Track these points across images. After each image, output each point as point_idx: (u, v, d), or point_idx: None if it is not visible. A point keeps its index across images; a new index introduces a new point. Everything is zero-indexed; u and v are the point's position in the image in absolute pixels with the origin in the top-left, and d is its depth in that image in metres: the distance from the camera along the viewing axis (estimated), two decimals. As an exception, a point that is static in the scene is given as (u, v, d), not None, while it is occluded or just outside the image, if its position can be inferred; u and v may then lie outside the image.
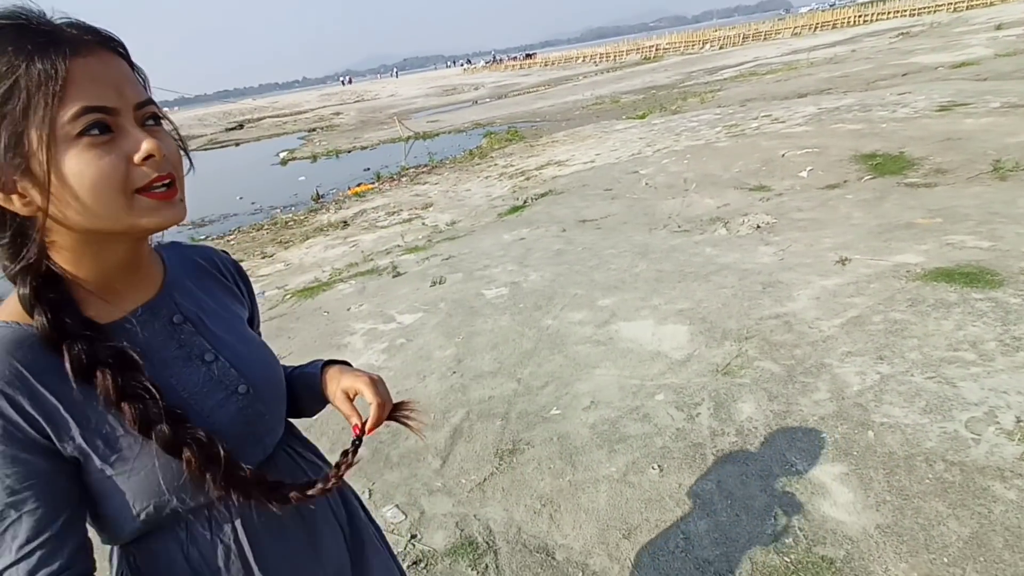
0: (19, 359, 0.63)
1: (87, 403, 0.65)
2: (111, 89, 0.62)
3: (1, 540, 0.62)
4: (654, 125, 11.20)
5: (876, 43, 20.41)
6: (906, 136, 6.61)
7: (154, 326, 0.74)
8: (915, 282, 3.38)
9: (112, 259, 0.70)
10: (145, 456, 0.67)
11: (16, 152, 0.59)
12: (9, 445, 0.62)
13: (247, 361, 0.81)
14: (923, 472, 2.04)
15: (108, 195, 0.62)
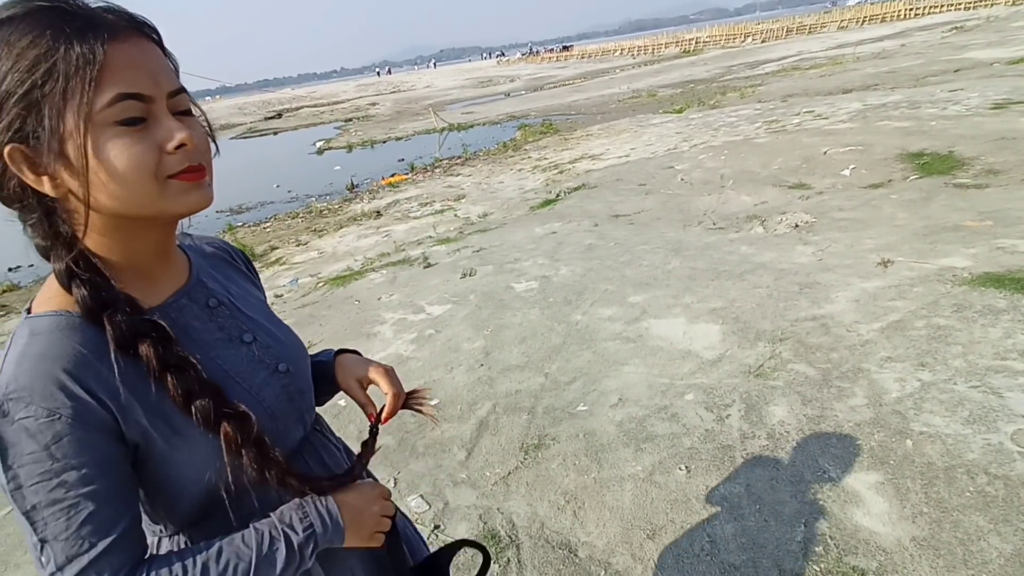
0: (79, 343, 0.62)
1: (144, 385, 0.65)
2: (147, 76, 0.61)
3: (78, 534, 0.60)
4: (691, 120, 11.00)
5: (927, 37, 19.60)
6: (956, 135, 6.34)
7: (193, 310, 0.75)
8: (962, 287, 3.25)
9: (144, 245, 0.70)
10: (201, 437, 0.67)
11: (51, 135, 0.59)
12: (83, 429, 0.60)
13: (281, 341, 0.83)
14: (964, 484, 1.97)
15: (140, 181, 0.62)
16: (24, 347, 0.61)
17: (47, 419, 0.59)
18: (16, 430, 0.58)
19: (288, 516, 0.72)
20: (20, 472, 0.59)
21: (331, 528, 0.73)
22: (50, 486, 0.59)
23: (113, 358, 0.63)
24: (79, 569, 0.60)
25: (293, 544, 0.70)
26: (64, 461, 0.59)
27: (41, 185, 0.62)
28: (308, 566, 0.72)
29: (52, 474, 0.59)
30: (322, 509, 0.74)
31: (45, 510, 0.59)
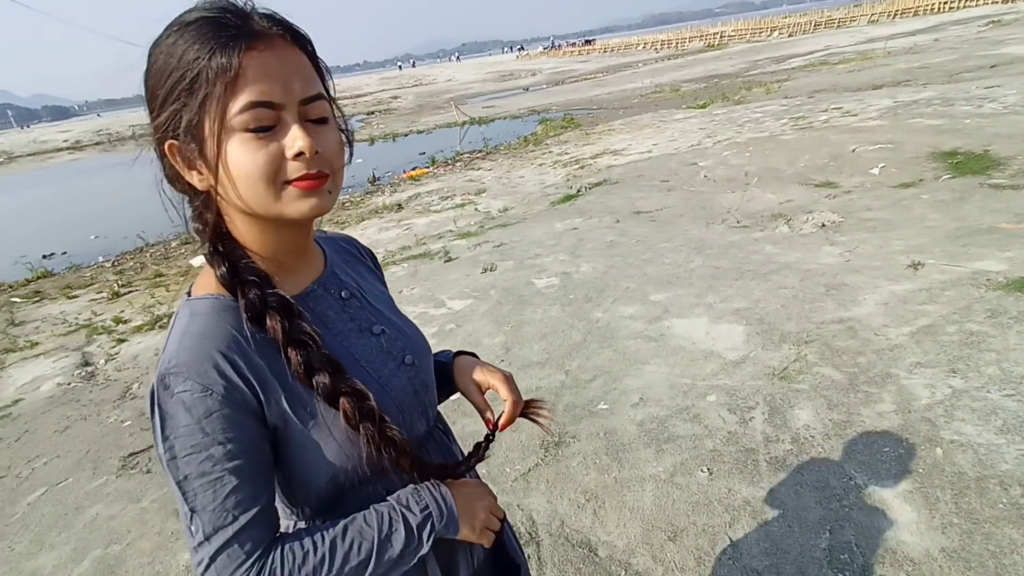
0: (232, 325, 0.67)
1: (285, 370, 0.69)
2: (278, 84, 0.64)
3: (222, 506, 0.64)
4: (715, 115, 10.85)
5: (962, 32, 19.04)
6: (992, 133, 6.16)
7: (328, 300, 0.79)
8: (996, 291, 3.17)
9: (282, 239, 0.74)
10: (336, 420, 0.70)
11: (194, 136, 0.64)
12: (231, 408, 0.64)
13: (407, 335, 0.86)
14: (996, 496, 1.93)
15: (259, 185, 0.65)
16: (185, 326, 0.67)
17: (201, 394, 0.63)
18: (175, 403, 0.63)
19: (405, 499, 0.75)
20: (176, 443, 0.63)
21: (446, 514, 0.76)
22: (200, 458, 0.63)
23: (256, 341, 0.67)
24: (224, 540, 0.64)
25: (411, 526, 0.73)
26: (212, 436, 0.63)
27: (191, 178, 0.68)
28: (424, 550, 0.74)
29: (202, 447, 0.63)
30: (437, 496, 0.77)
31: (195, 481, 0.64)
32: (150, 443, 3.19)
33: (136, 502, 2.71)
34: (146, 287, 6.54)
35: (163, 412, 0.64)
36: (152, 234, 9.37)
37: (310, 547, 0.68)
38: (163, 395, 0.64)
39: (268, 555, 0.66)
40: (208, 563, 0.64)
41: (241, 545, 0.64)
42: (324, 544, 0.68)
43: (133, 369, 4.29)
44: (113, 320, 5.42)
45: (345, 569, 0.68)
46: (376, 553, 0.70)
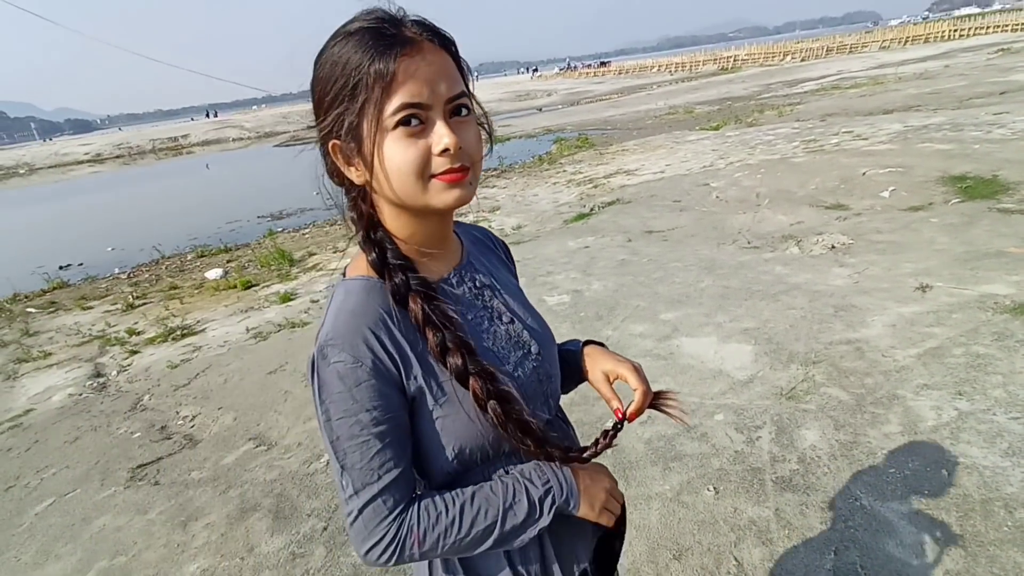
0: (380, 305, 0.74)
1: (423, 347, 0.75)
2: (426, 87, 0.70)
3: (369, 466, 0.72)
4: (728, 137, 10.93)
5: (972, 59, 19.10)
6: (1001, 158, 6.17)
7: (464, 288, 0.85)
8: (1003, 315, 3.17)
9: (426, 228, 0.80)
10: (465, 397, 0.76)
11: (354, 135, 0.72)
12: (377, 380, 0.72)
13: (533, 326, 0.90)
14: (1001, 519, 1.93)
15: (408, 179, 0.72)
16: (341, 304, 0.75)
17: (353, 365, 0.71)
18: (331, 371, 0.71)
19: (528, 472, 0.80)
20: (330, 407, 0.72)
21: (566, 490, 0.81)
22: (349, 422, 0.71)
23: (400, 320, 0.74)
24: (371, 495, 0.72)
25: (533, 497, 0.78)
26: (361, 403, 0.71)
27: (350, 174, 0.76)
28: (545, 522, 0.79)
29: (352, 412, 0.71)
30: (559, 473, 0.81)
31: (346, 442, 0.72)
32: (159, 455, 3.25)
33: (143, 514, 2.75)
34: (160, 299, 6.65)
35: (320, 379, 0.72)
36: (168, 247, 9.54)
37: (443, 508, 0.75)
38: (321, 364, 0.72)
39: (407, 511, 0.74)
40: (357, 513, 0.72)
41: (384, 501, 0.72)
42: (455, 507, 0.75)
43: (144, 381, 4.36)
44: (126, 332, 5.52)
45: (472, 532, 0.75)
46: (501, 520, 0.76)
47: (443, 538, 0.74)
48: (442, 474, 0.80)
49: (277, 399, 3.68)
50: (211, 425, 3.51)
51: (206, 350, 4.78)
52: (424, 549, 0.74)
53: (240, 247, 9.28)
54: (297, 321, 5.04)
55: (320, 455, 2.97)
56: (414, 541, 0.73)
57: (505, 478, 0.79)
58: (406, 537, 0.72)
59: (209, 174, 24.29)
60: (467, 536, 0.75)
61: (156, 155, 40.24)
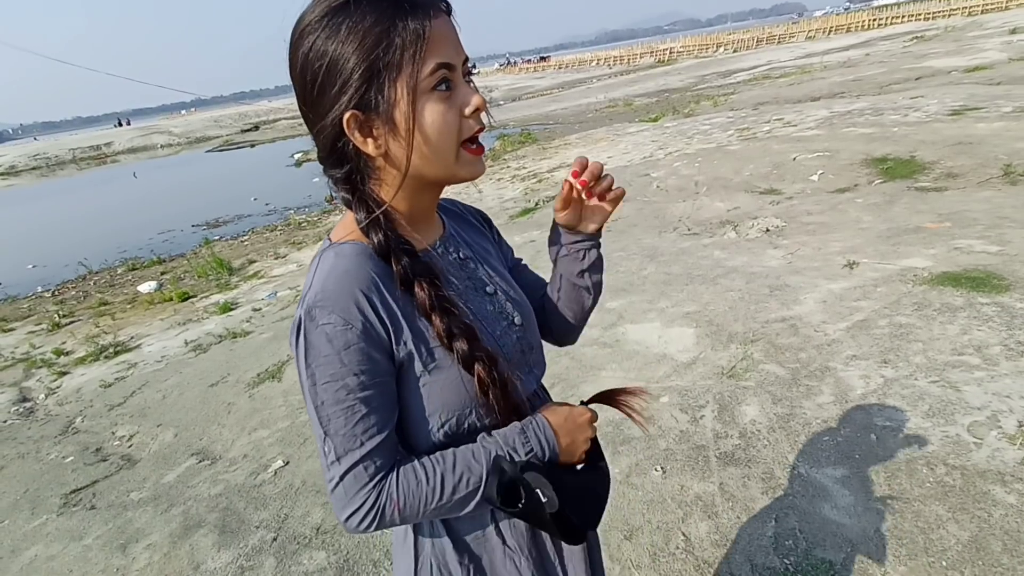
0: (373, 269, 0.72)
1: (413, 315, 0.74)
2: (452, 48, 0.70)
3: (352, 432, 0.70)
4: (667, 128, 11.20)
5: (890, 47, 20.23)
6: (917, 140, 6.57)
7: (448, 258, 0.84)
8: (922, 286, 3.38)
9: (423, 201, 0.80)
10: (453, 368, 0.75)
11: (380, 102, 0.68)
12: (367, 343, 0.70)
13: (515, 297, 0.89)
14: (924, 476, 2.06)
15: (446, 144, 0.71)
16: (331, 265, 0.72)
17: (342, 328, 0.69)
18: (319, 333, 0.69)
19: (512, 439, 0.78)
20: (316, 371, 0.69)
21: (549, 452, 0.80)
22: (336, 387, 0.69)
23: (390, 286, 0.73)
24: (352, 462, 0.71)
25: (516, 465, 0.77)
26: (348, 367, 0.69)
27: (366, 147, 0.71)
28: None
29: (338, 376, 0.69)
30: (541, 436, 0.80)
31: (330, 408, 0.70)
32: (94, 478, 3.08)
33: (79, 540, 2.60)
34: (90, 317, 6.30)
35: (307, 341, 0.69)
36: (96, 261, 9.05)
37: (423, 475, 0.73)
38: (309, 325, 0.69)
39: (387, 478, 0.72)
40: (338, 480, 0.71)
41: (366, 468, 0.71)
42: (436, 474, 0.74)
43: (76, 403, 4.13)
44: (53, 352, 5.21)
45: (453, 499, 0.74)
46: (483, 487, 0.75)
47: (423, 505, 0.73)
48: (427, 444, 0.78)
49: (220, 412, 3.55)
50: (150, 443, 3.35)
51: (142, 366, 4.56)
52: (404, 515, 0.73)
53: (175, 258, 8.89)
54: (239, 331, 4.87)
55: (268, 465, 2.89)
56: (394, 508, 0.72)
57: (487, 443, 0.77)
58: (386, 504, 0.72)
59: (137, 183, 23.12)
60: (447, 502, 0.74)
61: (77, 165, 38.01)
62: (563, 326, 1.00)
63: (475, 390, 0.75)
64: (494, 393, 0.75)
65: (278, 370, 3.93)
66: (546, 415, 0.82)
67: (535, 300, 0.97)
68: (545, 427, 0.80)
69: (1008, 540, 1.77)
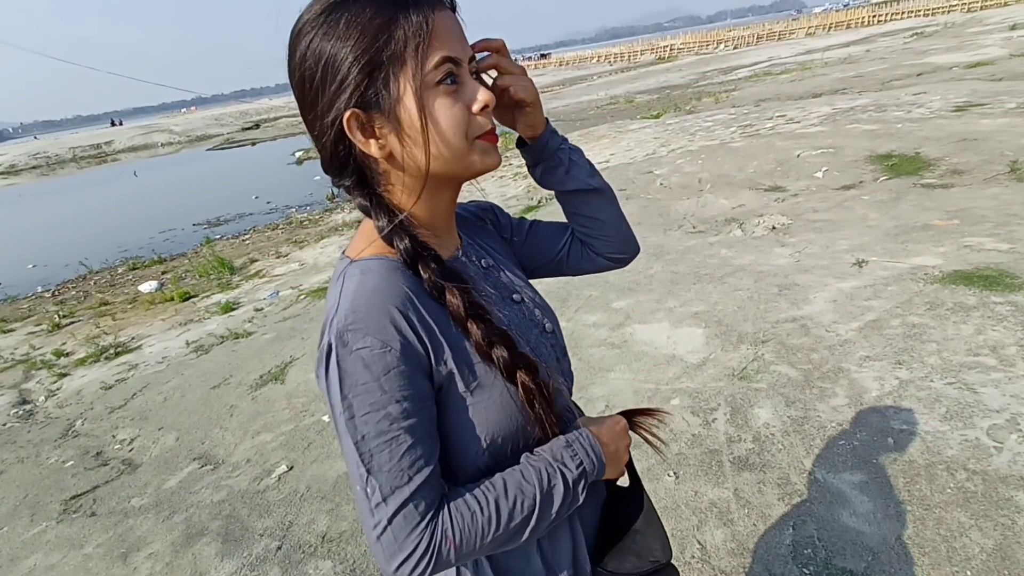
0: (406, 284, 0.67)
1: (452, 330, 0.68)
2: (458, 42, 0.66)
3: (399, 466, 0.63)
4: (668, 125, 11.14)
5: (890, 43, 20.14)
6: (922, 136, 6.51)
7: (472, 267, 0.79)
8: (933, 285, 3.33)
9: (440, 204, 0.75)
10: (498, 383, 0.70)
11: (384, 99, 0.64)
12: (407, 366, 0.63)
13: (541, 303, 0.85)
14: (944, 481, 2.01)
15: (457, 140, 0.66)
16: (359, 283, 0.66)
17: (380, 351, 0.62)
18: (354, 360, 0.62)
19: (560, 454, 0.73)
20: (355, 402, 0.62)
21: (598, 465, 0.75)
22: (378, 417, 0.62)
23: (424, 301, 0.67)
24: (401, 501, 0.63)
25: (568, 481, 0.71)
26: (390, 394, 0.63)
27: (369, 148, 0.66)
28: (579, 503, 0.74)
29: (380, 405, 0.62)
30: (588, 448, 0.75)
31: (372, 441, 0.63)
32: (95, 483, 3.03)
33: (79, 548, 2.56)
34: (90, 317, 6.25)
35: (341, 370, 0.62)
36: (96, 261, 9.00)
37: (476, 507, 0.67)
38: (342, 352, 0.62)
39: (439, 515, 0.65)
40: (386, 524, 0.63)
41: (416, 506, 0.64)
42: (490, 503, 0.67)
43: (76, 405, 4.08)
44: (53, 353, 5.15)
45: (510, 526, 0.68)
46: (539, 510, 0.69)
47: (480, 538, 0.66)
48: (471, 469, 0.72)
49: (222, 415, 3.50)
50: (151, 447, 3.31)
51: (143, 368, 4.51)
52: (461, 553, 0.66)
53: (176, 257, 8.84)
54: (241, 331, 4.82)
55: (271, 470, 2.84)
56: (450, 547, 0.65)
57: (535, 461, 0.71)
58: (441, 543, 0.64)
59: (138, 182, 23.04)
60: (504, 532, 0.67)
61: (78, 164, 37.93)
62: (606, 237, 0.93)
63: (520, 401, 0.70)
64: (539, 402, 0.71)
65: (281, 372, 3.88)
66: (587, 426, 0.78)
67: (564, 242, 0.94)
68: (590, 438, 0.76)
69: (1034, 548, 1.72)
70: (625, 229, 0.94)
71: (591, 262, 0.96)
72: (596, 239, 0.93)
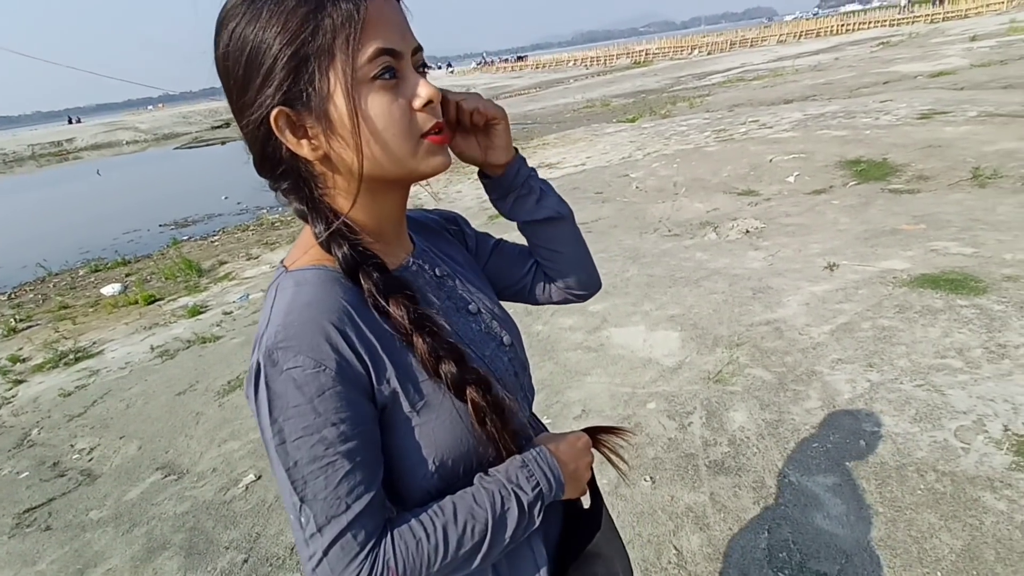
0: (342, 296, 0.62)
1: (395, 345, 0.64)
2: (397, 32, 0.61)
3: (335, 494, 0.58)
4: (644, 129, 11.23)
5: (858, 52, 20.68)
6: (889, 143, 6.68)
7: (423, 277, 0.74)
8: (902, 288, 3.39)
9: (386, 208, 0.70)
10: (447, 402, 0.66)
11: (312, 96, 0.58)
12: (344, 384, 0.59)
13: (500, 315, 0.81)
14: (915, 483, 2.03)
15: (397, 139, 0.61)
16: (292, 296, 0.61)
17: (313, 370, 0.57)
18: (284, 380, 0.57)
19: (515, 475, 0.69)
20: (285, 426, 0.58)
21: (556, 486, 0.71)
22: (311, 442, 0.58)
23: (365, 315, 0.63)
24: (337, 531, 0.59)
25: (524, 504, 0.68)
26: (325, 416, 0.58)
27: (301, 148, 0.61)
28: (535, 526, 0.70)
29: (314, 429, 0.58)
30: (545, 467, 0.71)
31: (306, 468, 0.58)
32: (51, 495, 2.90)
33: (31, 565, 2.43)
34: (49, 321, 6.02)
35: (271, 392, 0.58)
36: (56, 263, 8.68)
37: (422, 534, 0.63)
38: (271, 372, 0.57)
39: (380, 544, 0.61)
40: (321, 556, 0.59)
41: (355, 536, 0.59)
42: (437, 529, 0.63)
43: (32, 413, 3.91)
44: (9, 359, 4.94)
45: (460, 554, 0.63)
46: (491, 536, 0.65)
47: (427, 568, 0.62)
48: (420, 493, 0.68)
49: (188, 422, 3.39)
50: (112, 457, 3.18)
51: (104, 374, 4.35)
52: None
53: (140, 259, 8.58)
54: (208, 336, 4.69)
55: (238, 480, 2.75)
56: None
57: (488, 484, 0.67)
58: (383, 575, 0.60)
59: (101, 181, 22.36)
60: (452, 559, 0.63)
61: (37, 162, 36.68)
62: (571, 271, 0.90)
63: (470, 420, 0.66)
64: (491, 420, 0.66)
65: (250, 377, 3.77)
66: (545, 443, 0.74)
67: (529, 268, 0.90)
68: (548, 457, 0.72)
69: (1000, 548, 1.74)
70: (588, 260, 0.92)
71: (554, 294, 0.93)
72: (560, 271, 0.89)
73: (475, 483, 0.68)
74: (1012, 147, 5.80)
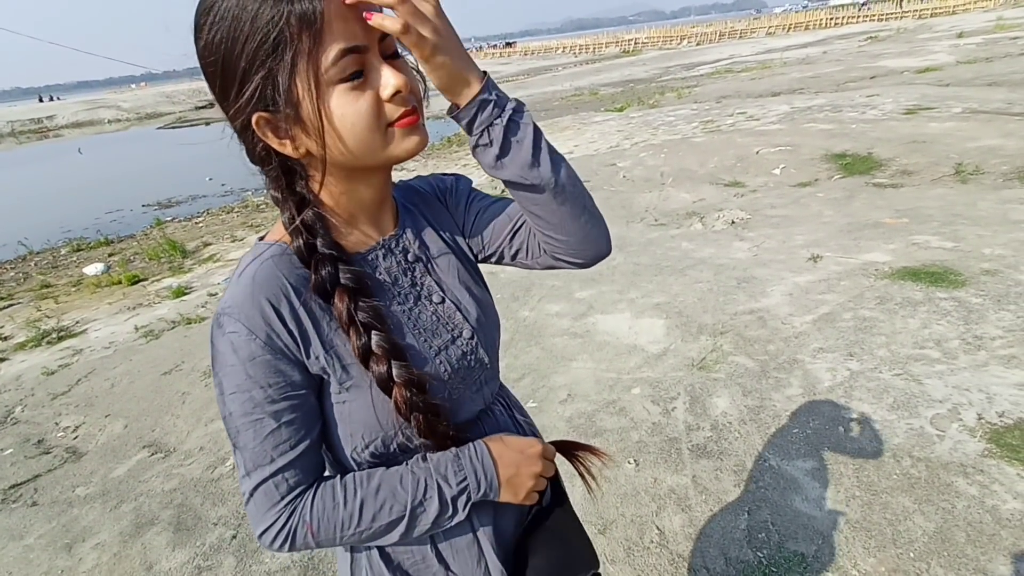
0: (285, 274, 0.66)
1: (330, 326, 0.68)
2: (358, 25, 0.60)
3: (261, 447, 0.65)
4: (632, 118, 11.24)
5: (846, 46, 20.81)
6: (874, 137, 6.76)
7: (391, 261, 0.76)
8: (883, 280, 3.47)
9: (364, 194, 0.72)
10: (369, 391, 0.69)
11: (287, 100, 0.60)
12: (272, 354, 0.64)
13: (469, 306, 0.81)
14: (891, 468, 2.10)
15: (366, 134, 0.63)
16: (245, 270, 0.67)
17: (246, 337, 0.64)
18: (225, 342, 0.65)
19: (444, 467, 0.72)
20: (223, 380, 0.65)
21: (485, 485, 0.74)
22: (243, 399, 0.65)
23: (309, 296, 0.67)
24: (261, 479, 0.66)
25: (445, 497, 0.71)
26: (254, 379, 0.64)
27: (284, 148, 0.65)
28: (461, 517, 0.73)
29: (244, 388, 0.65)
30: (477, 464, 0.73)
31: (238, 419, 0.65)
32: (36, 472, 2.89)
33: (19, 540, 2.43)
34: (30, 300, 5.93)
35: (215, 349, 0.66)
36: (37, 241, 8.53)
37: (340, 499, 0.68)
38: (216, 332, 0.66)
39: (302, 498, 0.68)
40: (249, 495, 0.67)
41: (276, 486, 0.66)
42: (355, 499, 0.68)
43: (15, 391, 3.87)
44: (-9, 337, 4.87)
45: (374, 526, 0.69)
46: (408, 518, 0.70)
47: (339, 530, 0.68)
48: (356, 462, 0.73)
49: (174, 402, 3.38)
50: (97, 435, 3.16)
51: (88, 353, 4.30)
52: (319, 539, 0.68)
53: (124, 239, 8.45)
54: (193, 317, 4.66)
55: (225, 458, 2.76)
56: (307, 531, 0.67)
57: (418, 470, 0.71)
58: (298, 526, 0.67)
59: (83, 160, 21.89)
60: (367, 530, 0.69)
61: (16, 139, 35.79)
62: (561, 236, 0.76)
63: (392, 415, 0.69)
64: (416, 419, 0.69)
65: (236, 359, 3.77)
66: (487, 441, 0.75)
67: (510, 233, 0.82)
68: (484, 455, 0.73)
69: (971, 531, 1.82)
70: (589, 226, 0.76)
71: (548, 259, 0.81)
72: (549, 238, 0.76)
73: (408, 466, 0.72)
74: (994, 144, 5.91)
